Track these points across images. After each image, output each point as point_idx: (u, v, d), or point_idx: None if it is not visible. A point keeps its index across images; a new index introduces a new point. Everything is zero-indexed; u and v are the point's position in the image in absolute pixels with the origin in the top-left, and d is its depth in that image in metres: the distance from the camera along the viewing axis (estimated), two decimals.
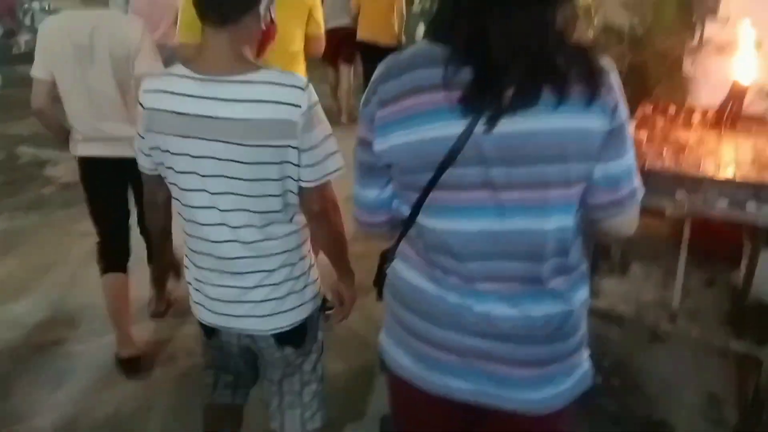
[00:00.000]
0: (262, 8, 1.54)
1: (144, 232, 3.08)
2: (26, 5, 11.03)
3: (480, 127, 1.04)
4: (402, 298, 1.29)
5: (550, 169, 1.07)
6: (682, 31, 4.21)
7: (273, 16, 1.63)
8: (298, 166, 1.52)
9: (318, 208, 1.62)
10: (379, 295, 1.40)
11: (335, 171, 1.59)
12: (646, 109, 3.18)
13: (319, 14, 2.85)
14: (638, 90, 4.16)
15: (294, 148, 1.49)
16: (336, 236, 1.71)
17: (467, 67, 1.03)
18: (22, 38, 10.63)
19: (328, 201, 1.63)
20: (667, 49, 3.90)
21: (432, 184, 1.11)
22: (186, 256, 1.72)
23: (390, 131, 1.12)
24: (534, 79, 1.02)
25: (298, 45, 2.77)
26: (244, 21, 1.49)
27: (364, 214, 1.31)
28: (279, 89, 1.46)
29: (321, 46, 2.94)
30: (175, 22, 2.84)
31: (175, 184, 1.59)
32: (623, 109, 1.10)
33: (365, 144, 1.19)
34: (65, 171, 5.62)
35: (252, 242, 1.58)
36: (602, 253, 3.32)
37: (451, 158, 1.07)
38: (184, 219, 1.64)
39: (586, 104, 1.04)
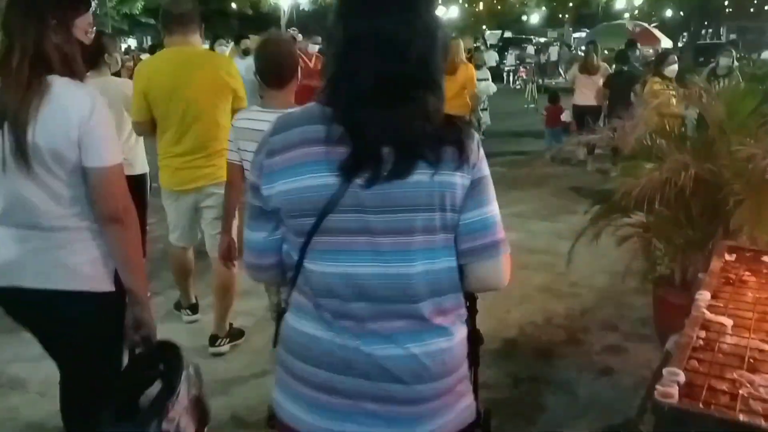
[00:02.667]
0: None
1: None
2: None
3: (358, 182, 1.16)
4: (292, 348, 1.30)
5: (419, 216, 1.18)
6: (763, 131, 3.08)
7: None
8: None
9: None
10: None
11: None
12: (724, 255, 2.04)
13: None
14: (710, 217, 3.03)
15: None
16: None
17: (348, 135, 1.15)
18: None
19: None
20: (749, 156, 2.77)
21: (315, 229, 1.20)
22: None
23: (277, 178, 1.21)
24: (409, 156, 1.16)
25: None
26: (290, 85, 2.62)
27: (252, 256, 1.35)
28: None
29: None
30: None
31: None
32: (484, 166, 1.24)
33: (254, 189, 1.27)
34: None
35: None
36: None
37: (331, 205, 1.17)
38: None
39: (456, 167, 1.19)
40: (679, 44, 19.78)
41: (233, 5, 29.39)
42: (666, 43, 14.41)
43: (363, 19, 1.15)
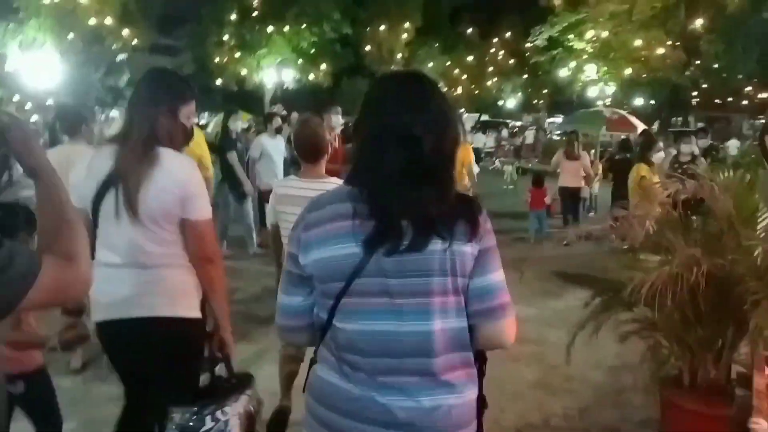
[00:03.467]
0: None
1: None
2: None
3: (381, 251, 1.35)
4: (316, 395, 1.46)
5: (434, 280, 1.35)
6: None
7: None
8: None
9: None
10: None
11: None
12: (765, 369, 1.82)
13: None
14: (721, 314, 2.83)
15: None
16: None
17: (372, 211, 1.36)
18: None
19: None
20: (764, 252, 2.61)
21: (343, 292, 1.37)
22: None
23: (312, 248, 1.39)
24: (425, 233, 1.34)
25: None
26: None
27: (286, 318, 1.50)
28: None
29: None
30: None
31: None
32: (491, 237, 1.43)
33: (293, 258, 1.44)
34: None
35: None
36: None
37: (357, 271, 1.35)
38: None
39: (467, 239, 1.37)
40: (654, 130, 20.36)
41: (218, 82, 29.90)
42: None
43: (384, 118, 1.39)
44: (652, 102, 28.88)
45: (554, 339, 4.84)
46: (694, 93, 29.31)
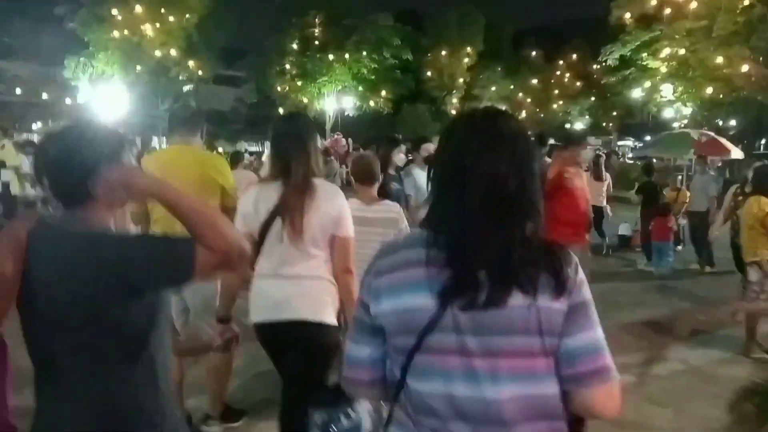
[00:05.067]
0: None
1: None
2: None
3: (456, 305, 1.22)
4: None
5: (517, 340, 1.21)
6: None
7: None
8: None
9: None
10: None
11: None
12: None
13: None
14: None
15: None
16: None
17: (447, 259, 1.24)
18: None
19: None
20: None
21: (416, 349, 1.25)
22: None
23: (382, 297, 1.30)
24: (504, 285, 1.20)
25: None
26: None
27: (353, 370, 1.38)
28: None
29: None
30: None
31: None
32: (584, 291, 1.24)
33: (363, 306, 1.35)
34: None
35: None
36: None
37: (431, 326, 1.23)
38: None
39: (552, 294, 1.21)
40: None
41: (281, 110, 30.10)
42: (736, 153, 13.34)
43: (467, 155, 1.29)
44: (733, 123, 27.07)
45: (660, 422, 3.80)
46: None
